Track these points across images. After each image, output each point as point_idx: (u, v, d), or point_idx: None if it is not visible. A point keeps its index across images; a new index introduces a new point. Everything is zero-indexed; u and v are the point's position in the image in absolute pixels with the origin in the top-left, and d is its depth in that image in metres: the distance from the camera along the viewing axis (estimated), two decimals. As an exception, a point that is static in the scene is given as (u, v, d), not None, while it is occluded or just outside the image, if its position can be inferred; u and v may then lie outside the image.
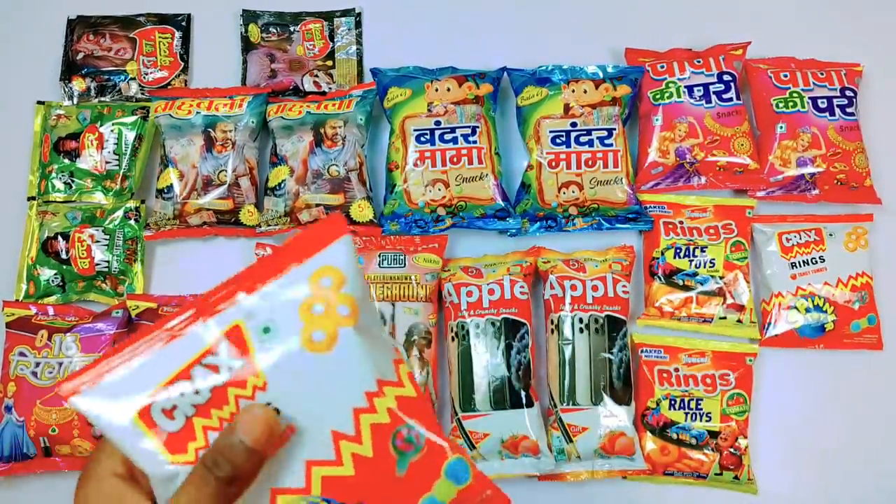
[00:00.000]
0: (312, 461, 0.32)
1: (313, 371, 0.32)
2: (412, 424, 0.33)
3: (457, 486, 0.34)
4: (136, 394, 0.32)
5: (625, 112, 0.85)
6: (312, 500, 0.32)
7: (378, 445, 0.32)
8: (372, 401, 0.32)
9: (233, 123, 0.83)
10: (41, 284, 0.81)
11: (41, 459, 0.75)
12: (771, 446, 0.78)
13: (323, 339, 0.32)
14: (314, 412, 0.32)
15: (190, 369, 0.32)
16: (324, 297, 0.32)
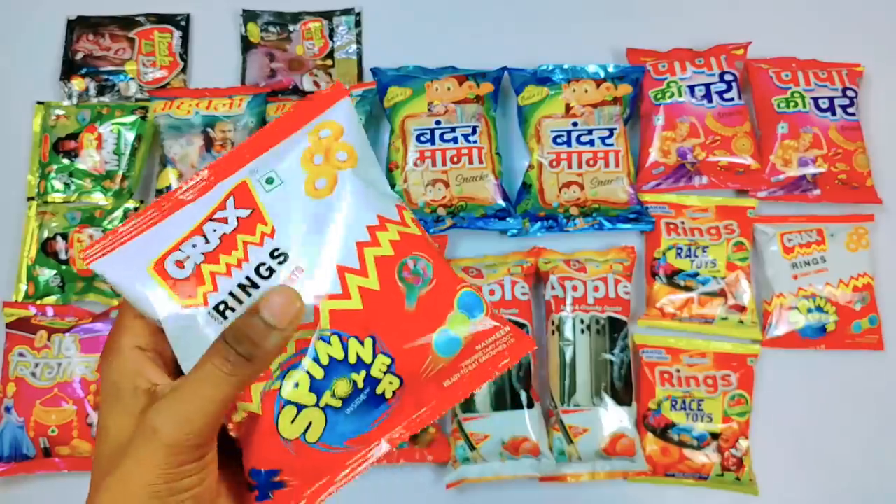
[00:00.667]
0: (320, 296, 0.33)
1: (317, 214, 0.33)
2: (418, 256, 0.34)
3: (470, 318, 0.34)
4: (151, 252, 0.33)
5: (626, 112, 0.85)
6: (322, 333, 0.32)
7: (384, 278, 0.33)
8: (374, 234, 0.33)
9: (232, 123, 0.83)
10: (41, 285, 0.81)
11: (41, 460, 0.75)
12: (772, 447, 0.78)
13: (325, 185, 0.33)
14: (320, 252, 0.33)
15: (202, 225, 0.33)
16: (323, 147, 0.34)
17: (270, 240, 0.33)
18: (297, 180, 0.33)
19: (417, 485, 0.76)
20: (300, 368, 0.32)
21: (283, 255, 0.33)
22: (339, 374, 0.33)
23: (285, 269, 0.33)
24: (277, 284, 0.32)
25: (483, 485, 0.75)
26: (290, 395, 0.32)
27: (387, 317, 0.33)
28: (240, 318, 0.31)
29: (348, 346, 0.32)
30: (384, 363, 0.33)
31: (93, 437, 0.75)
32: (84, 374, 0.76)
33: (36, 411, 0.75)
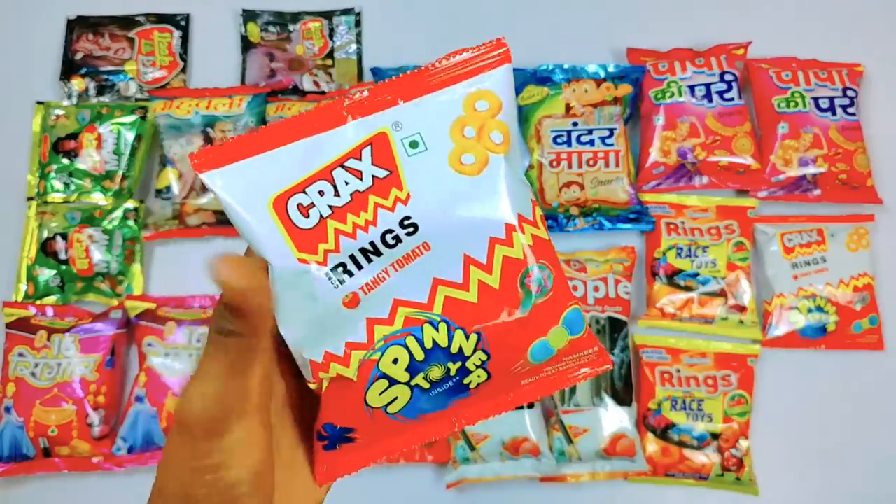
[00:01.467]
0: (440, 280, 0.31)
1: (458, 192, 0.31)
2: (544, 266, 0.32)
3: (570, 335, 0.33)
4: (274, 181, 0.31)
5: (626, 111, 0.85)
6: (432, 316, 0.32)
7: (506, 279, 0.32)
8: (510, 234, 0.31)
9: (232, 123, 0.83)
10: (40, 285, 0.81)
11: (40, 460, 0.75)
12: (772, 447, 0.78)
13: (472, 163, 0.31)
14: (451, 233, 0.31)
15: (331, 169, 0.31)
16: (478, 121, 0.31)
17: (403, 207, 0.31)
18: (442, 150, 0.31)
19: (417, 485, 0.76)
20: (402, 346, 0.32)
21: (413, 227, 0.31)
22: (437, 360, 0.32)
23: (411, 242, 0.31)
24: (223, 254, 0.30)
25: (483, 485, 0.75)
26: (386, 368, 0.32)
27: (497, 318, 0.32)
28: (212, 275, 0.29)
29: (454, 337, 0.32)
30: (480, 359, 0.32)
31: (92, 438, 0.75)
32: (84, 374, 0.76)
33: (36, 411, 0.74)
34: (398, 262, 0.31)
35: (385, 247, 0.31)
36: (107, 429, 0.76)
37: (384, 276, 0.31)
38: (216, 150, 0.30)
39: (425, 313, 0.32)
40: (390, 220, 0.31)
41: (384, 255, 0.31)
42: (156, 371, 0.76)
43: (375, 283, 0.31)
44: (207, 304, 0.80)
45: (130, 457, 0.74)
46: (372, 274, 0.31)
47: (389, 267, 0.31)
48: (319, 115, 0.31)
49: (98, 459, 0.75)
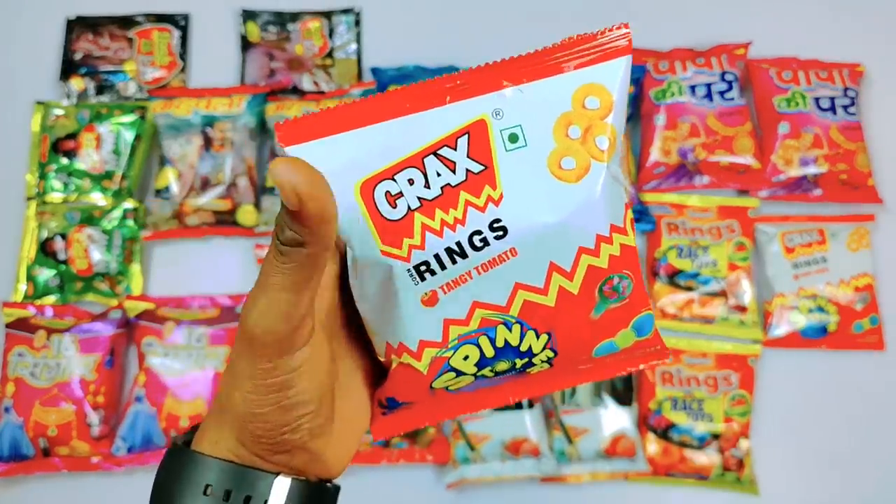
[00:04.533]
0: (521, 284, 0.30)
1: (553, 198, 0.29)
2: (625, 275, 0.31)
3: (637, 337, 0.33)
4: (363, 163, 0.29)
5: (627, 111, 0.84)
6: (508, 318, 0.31)
7: (586, 286, 0.31)
8: (599, 245, 0.30)
9: (231, 123, 0.83)
10: (40, 285, 0.81)
11: (40, 460, 0.74)
12: (773, 447, 0.78)
13: (573, 168, 0.29)
14: (539, 240, 0.30)
15: (423, 156, 0.29)
16: (585, 121, 0.29)
17: (495, 208, 0.29)
18: (542, 149, 0.29)
19: (417, 485, 0.76)
20: (474, 345, 0.31)
21: (503, 231, 0.29)
22: (506, 357, 0.32)
23: (498, 247, 0.30)
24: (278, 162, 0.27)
25: (483, 485, 0.75)
26: (456, 363, 0.31)
27: (570, 320, 0.31)
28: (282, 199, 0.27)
29: (525, 336, 0.31)
30: (548, 356, 0.32)
31: (91, 438, 0.75)
32: (83, 374, 0.76)
33: (35, 411, 0.74)
34: (482, 266, 0.30)
35: (471, 249, 0.30)
36: (106, 429, 0.76)
37: (466, 278, 0.30)
38: (304, 123, 0.29)
39: (502, 315, 0.31)
40: (479, 222, 0.30)
41: (469, 257, 0.30)
42: (155, 371, 0.76)
43: (456, 284, 0.30)
44: (207, 304, 0.80)
45: (130, 457, 0.74)
46: (454, 275, 0.30)
47: (473, 270, 0.30)
48: (417, 93, 0.29)
49: (97, 459, 0.75)
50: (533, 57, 0.29)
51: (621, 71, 0.30)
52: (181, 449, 0.31)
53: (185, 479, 0.31)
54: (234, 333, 0.78)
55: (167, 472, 0.32)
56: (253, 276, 0.82)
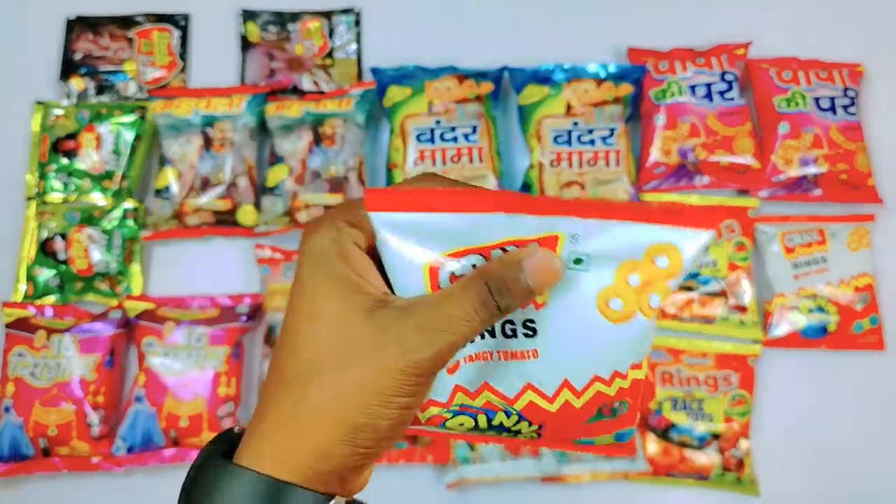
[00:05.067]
0: (533, 386, 0.32)
1: (588, 326, 0.31)
2: (626, 402, 0.33)
3: (614, 441, 0.35)
4: (436, 244, 0.30)
5: (627, 111, 0.84)
6: (510, 409, 0.33)
7: (589, 405, 0.33)
8: (614, 378, 0.32)
9: (231, 123, 0.83)
10: (40, 285, 0.81)
11: (40, 460, 0.74)
12: (773, 447, 0.78)
13: (617, 311, 0.31)
14: (562, 356, 0.32)
15: (492, 248, 0.31)
16: (648, 275, 0.31)
17: (534, 310, 0.31)
18: (599, 281, 0.31)
19: (417, 485, 0.76)
20: (472, 418, 0.33)
21: (532, 332, 0.32)
22: (496, 431, 0.34)
23: (524, 343, 0.32)
24: (537, 249, 0.30)
25: (483, 485, 0.75)
26: (450, 425, 0.34)
27: (564, 422, 0.33)
28: (505, 270, 0.29)
29: (519, 423, 0.34)
30: (532, 436, 0.34)
31: (91, 438, 0.75)
32: (83, 374, 0.76)
33: (35, 411, 0.74)
34: (504, 353, 0.32)
35: (501, 334, 0.32)
36: (106, 429, 0.76)
37: (486, 357, 0.32)
38: (391, 195, 0.30)
39: (506, 405, 0.33)
40: (517, 315, 0.31)
41: (497, 339, 0.32)
42: (155, 371, 0.76)
43: (477, 359, 0.32)
44: (207, 304, 0.80)
45: (129, 457, 0.74)
46: (479, 349, 0.32)
47: (496, 353, 0.32)
48: (505, 198, 0.30)
49: (97, 459, 0.75)
50: (625, 204, 0.32)
51: (700, 243, 0.31)
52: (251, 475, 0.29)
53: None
54: (233, 333, 0.78)
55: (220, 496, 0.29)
56: (253, 276, 0.82)
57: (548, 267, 0.29)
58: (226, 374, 0.77)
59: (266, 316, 0.79)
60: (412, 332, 0.28)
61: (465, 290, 0.29)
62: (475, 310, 0.29)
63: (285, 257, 0.80)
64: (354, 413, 0.28)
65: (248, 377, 0.80)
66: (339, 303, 0.30)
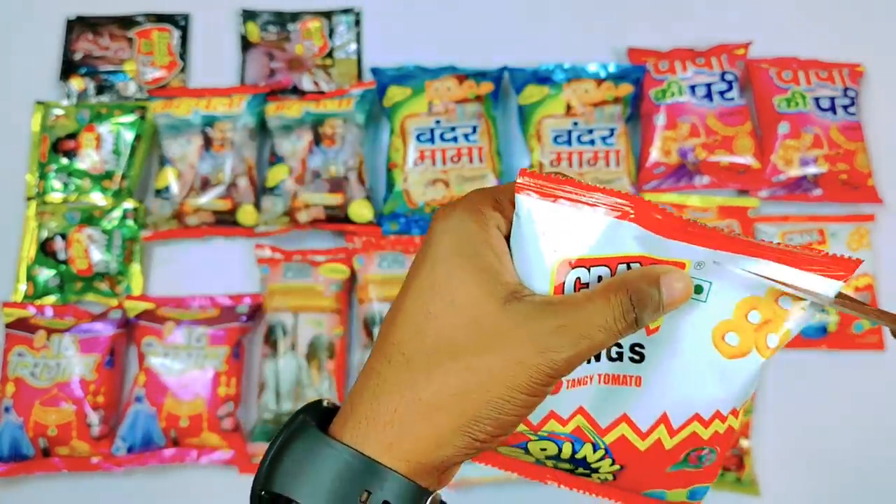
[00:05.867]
0: (628, 418, 0.31)
1: (698, 359, 0.30)
2: (715, 450, 0.32)
3: (687, 499, 0.34)
4: (571, 244, 0.29)
5: (627, 111, 0.84)
6: (599, 441, 0.32)
7: (678, 448, 0.32)
8: (712, 420, 0.31)
9: (231, 123, 0.83)
10: (39, 285, 0.81)
11: (40, 460, 0.74)
12: (773, 448, 0.78)
13: (733, 346, 0.30)
14: (666, 387, 0.31)
15: (619, 262, 0.30)
16: (770, 313, 0.29)
17: (646, 335, 0.30)
18: (717, 314, 0.30)
19: (417, 485, 0.76)
20: (557, 445, 0.32)
21: (640, 358, 0.31)
22: (574, 463, 0.33)
23: (628, 368, 0.31)
24: (672, 268, 0.29)
25: (483, 485, 0.75)
26: (532, 448, 0.33)
27: (649, 465, 0.32)
28: (645, 284, 0.28)
29: (602, 460, 0.32)
30: (606, 478, 0.33)
31: (91, 438, 0.75)
32: (83, 374, 0.76)
33: (35, 411, 0.74)
34: (606, 377, 0.31)
35: (606, 356, 0.31)
36: (106, 429, 0.76)
37: (587, 381, 0.31)
38: (548, 179, 0.29)
39: (596, 436, 0.32)
40: (627, 337, 0.30)
41: (601, 362, 0.31)
42: (155, 371, 0.76)
43: (579, 384, 0.31)
44: (207, 304, 0.80)
45: (129, 457, 0.74)
46: (581, 374, 0.31)
47: (597, 376, 0.31)
48: (659, 215, 0.30)
49: (97, 459, 0.75)
50: (756, 243, 0.30)
51: (827, 293, 0.29)
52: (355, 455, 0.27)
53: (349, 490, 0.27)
54: (233, 333, 0.78)
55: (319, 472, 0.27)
56: (253, 276, 0.82)
57: (683, 287, 0.29)
58: (226, 374, 0.77)
59: (266, 316, 0.79)
60: (552, 331, 0.27)
61: (607, 297, 0.28)
62: (615, 319, 0.28)
63: (285, 257, 0.80)
64: (479, 404, 0.27)
65: (247, 377, 0.80)
66: (476, 288, 0.28)
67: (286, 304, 0.79)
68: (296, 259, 0.80)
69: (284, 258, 0.80)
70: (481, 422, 0.27)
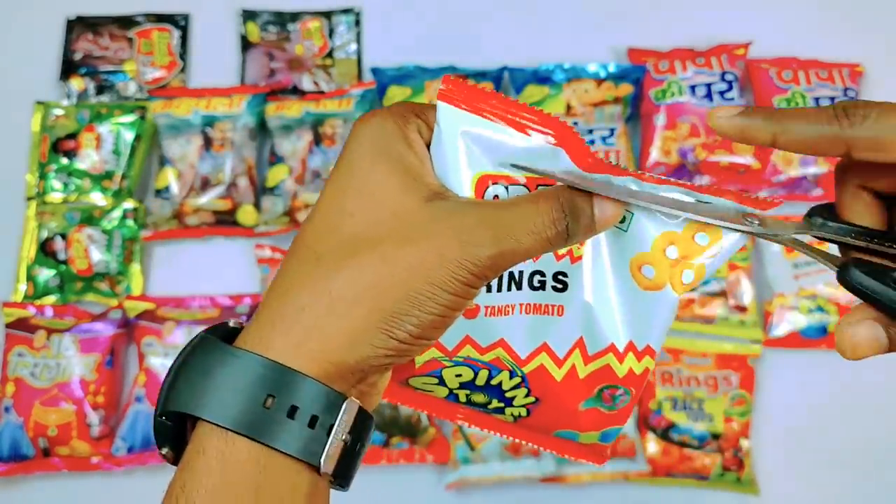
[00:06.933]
0: (548, 347, 0.31)
1: (617, 289, 0.30)
2: (629, 391, 0.32)
3: (598, 441, 0.34)
4: (493, 160, 0.29)
5: (627, 111, 0.84)
6: (517, 370, 0.31)
7: (593, 378, 0.31)
8: (627, 353, 0.31)
9: (231, 123, 0.83)
10: (40, 285, 0.81)
11: (40, 460, 0.74)
12: (773, 447, 0.78)
13: (648, 279, 0.30)
14: (585, 315, 0.30)
15: (538, 183, 0.29)
16: (687, 249, 0.29)
17: (569, 264, 0.30)
18: (636, 247, 0.29)
19: (417, 485, 0.76)
20: (473, 370, 0.31)
21: (563, 287, 0.30)
22: (489, 393, 0.32)
23: (551, 297, 0.30)
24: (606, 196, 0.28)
25: (483, 485, 0.75)
26: (447, 375, 0.32)
27: (562, 399, 0.32)
28: (578, 198, 0.27)
29: (517, 389, 0.32)
30: (519, 413, 0.33)
31: (91, 438, 0.75)
32: (83, 374, 0.76)
33: (35, 411, 0.74)
34: (528, 307, 0.30)
35: (528, 285, 0.30)
36: (106, 429, 0.76)
37: (509, 311, 0.30)
38: (470, 91, 0.29)
39: (515, 366, 0.31)
40: (549, 265, 0.30)
41: (522, 291, 0.30)
42: (155, 371, 0.76)
43: (498, 312, 0.30)
44: (207, 304, 0.79)
45: (129, 457, 0.74)
46: (502, 301, 0.30)
47: (519, 305, 0.30)
48: (574, 142, 0.29)
49: (97, 459, 0.75)
50: (683, 183, 0.29)
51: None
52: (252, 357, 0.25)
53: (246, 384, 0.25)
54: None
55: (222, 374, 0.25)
56: (253, 276, 0.82)
57: (614, 207, 0.28)
58: (226, 374, 0.77)
59: (266, 316, 0.79)
60: (476, 226, 0.26)
61: (537, 202, 0.27)
62: (545, 224, 0.26)
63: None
64: (397, 297, 0.25)
65: (248, 377, 0.79)
66: (397, 186, 0.27)
67: (286, 304, 0.79)
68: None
69: (284, 258, 0.80)
70: (399, 318, 0.25)
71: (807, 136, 0.28)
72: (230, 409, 0.25)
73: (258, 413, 0.25)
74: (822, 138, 0.28)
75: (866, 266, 0.27)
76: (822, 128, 0.27)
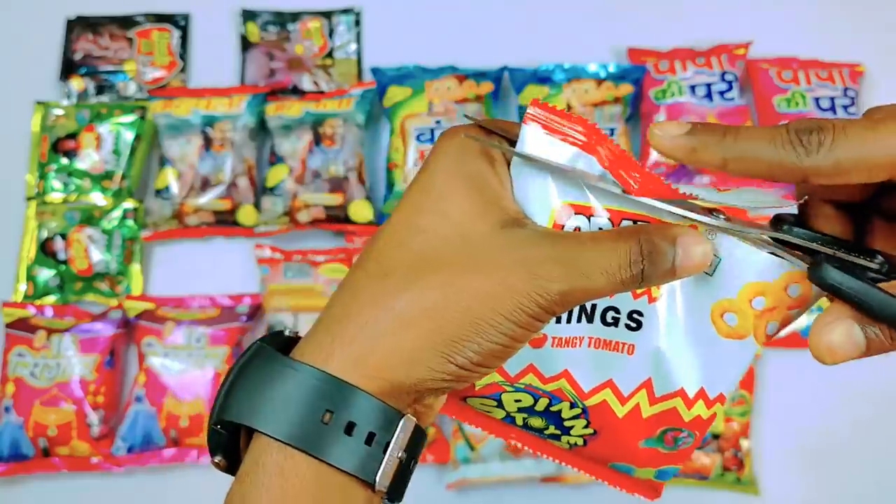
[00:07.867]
0: (613, 384, 0.30)
1: (694, 333, 0.29)
2: (693, 436, 0.31)
3: (653, 479, 0.33)
4: (577, 191, 0.28)
5: (627, 111, 0.84)
6: (579, 403, 0.30)
7: (657, 420, 0.31)
8: (696, 400, 0.30)
9: (231, 123, 0.83)
10: (39, 285, 0.81)
11: (40, 460, 0.74)
12: (773, 447, 0.78)
13: (730, 326, 0.29)
14: (657, 356, 0.30)
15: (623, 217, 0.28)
16: (776, 300, 0.28)
17: (646, 304, 0.29)
18: (720, 292, 0.28)
19: (417, 485, 0.76)
20: (534, 398, 0.31)
21: (637, 325, 0.29)
22: (547, 419, 0.32)
23: (623, 335, 0.30)
24: (690, 230, 0.27)
25: (483, 485, 0.75)
26: (506, 399, 0.31)
27: (622, 435, 0.31)
28: (660, 238, 0.26)
29: (576, 419, 0.31)
30: (576, 443, 0.32)
31: (91, 438, 0.75)
32: (83, 374, 0.76)
33: (35, 411, 0.74)
34: (598, 342, 0.30)
35: (600, 320, 0.29)
36: (106, 429, 0.76)
37: (576, 343, 0.30)
38: (560, 114, 0.27)
39: (577, 398, 0.31)
40: (624, 303, 0.29)
41: (594, 325, 0.29)
42: (155, 371, 0.76)
43: (565, 344, 0.30)
44: (207, 304, 0.79)
45: (129, 457, 0.74)
46: (570, 333, 0.30)
47: (588, 339, 0.30)
48: (660, 184, 0.28)
49: (97, 459, 0.75)
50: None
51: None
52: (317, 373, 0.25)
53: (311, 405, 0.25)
54: (233, 333, 0.78)
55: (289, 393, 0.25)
56: (253, 276, 0.82)
57: (701, 252, 0.26)
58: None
59: (266, 316, 0.79)
60: (548, 260, 0.25)
61: (616, 242, 0.26)
62: (620, 266, 0.25)
63: (285, 257, 0.80)
64: (461, 322, 0.25)
65: (248, 377, 0.79)
66: (473, 207, 0.26)
67: (286, 305, 0.79)
68: (296, 259, 0.80)
69: (284, 258, 0.80)
70: (461, 343, 0.25)
71: (761, 163, 0.26)
72: (289, 423, 0.25)
73: (317, 428, 0.25)
74: (778, 167, 0.26)
75: (838, 261, 0.26)
76: (776, 154, 0.26)
